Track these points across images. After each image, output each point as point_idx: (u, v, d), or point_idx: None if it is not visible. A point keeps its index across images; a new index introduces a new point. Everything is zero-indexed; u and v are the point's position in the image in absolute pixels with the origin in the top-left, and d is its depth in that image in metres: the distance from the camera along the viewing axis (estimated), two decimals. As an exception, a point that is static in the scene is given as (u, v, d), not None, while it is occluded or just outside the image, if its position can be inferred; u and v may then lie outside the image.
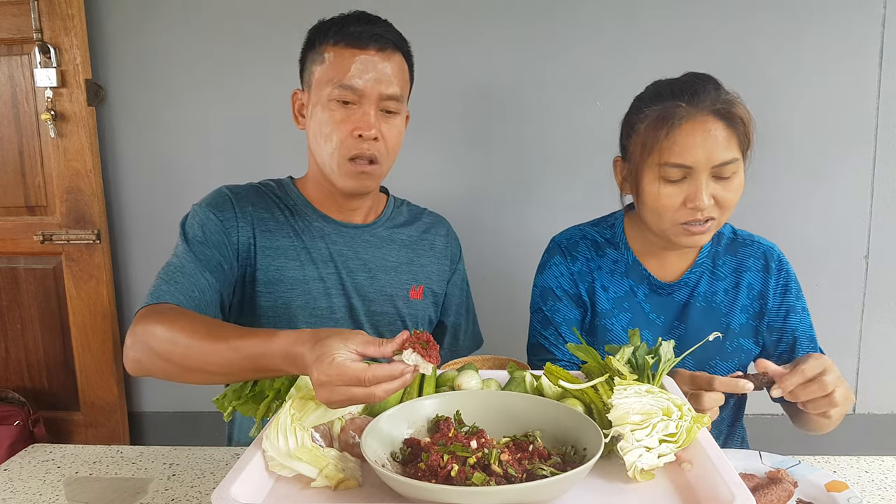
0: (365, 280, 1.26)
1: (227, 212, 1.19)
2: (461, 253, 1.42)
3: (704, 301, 1.23)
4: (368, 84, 1.13)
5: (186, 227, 1.17)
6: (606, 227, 1.31)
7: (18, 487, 1.08)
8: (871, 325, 2.18)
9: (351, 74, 1.12)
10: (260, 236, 1.20)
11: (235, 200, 1.20)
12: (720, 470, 0.69)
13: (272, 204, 1.24)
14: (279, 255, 1.20)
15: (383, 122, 1.16)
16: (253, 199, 1.23)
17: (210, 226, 1.16)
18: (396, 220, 1.33)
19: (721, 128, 1.07)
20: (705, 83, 1.10)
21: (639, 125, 1.13)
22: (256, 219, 1.20)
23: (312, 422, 0.78)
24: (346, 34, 1.13)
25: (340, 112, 1.14)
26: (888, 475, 1.07)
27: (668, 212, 1.10)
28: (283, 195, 1.26)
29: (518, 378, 0.93)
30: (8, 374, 2.35)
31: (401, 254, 1.30)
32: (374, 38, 1.14)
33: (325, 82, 1.14)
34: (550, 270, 1.29)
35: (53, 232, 2.21)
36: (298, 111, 1.23)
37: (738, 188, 1.10)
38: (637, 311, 1.25)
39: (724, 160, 1.07)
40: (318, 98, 1.15)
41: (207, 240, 1.14)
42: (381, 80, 1.13)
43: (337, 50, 1.13)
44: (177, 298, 1.03)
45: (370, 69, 1.13)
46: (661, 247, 1.23)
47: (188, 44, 2.14)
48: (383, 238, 1.29)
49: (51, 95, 2.11)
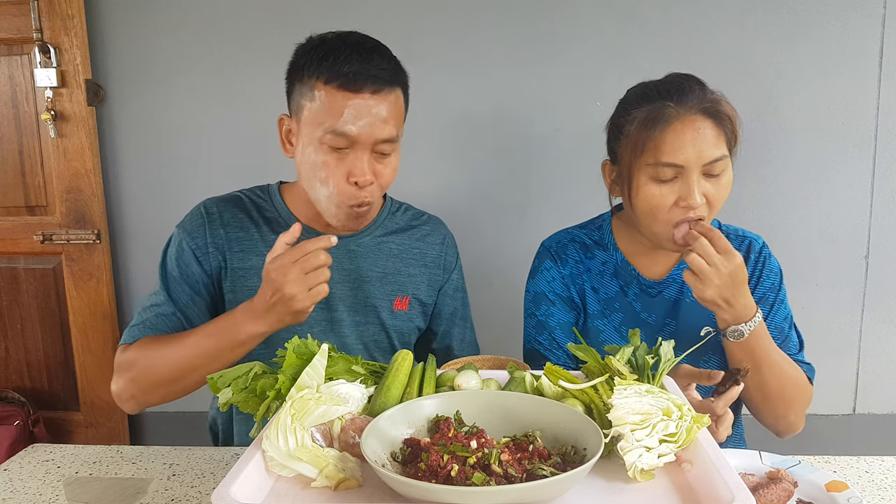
0: (348, 291, 1.25)
1: (199, 238, 1.20)
2: (457, 261, 1.39)
3: (692, 296, 1.23)
4: (363, 131, 1.07)
5: (166, 259, 1.22)
6: (594, 228, 1.31)
7: (18, 487, 1.08)
8: (871, 325, 2.17)
9: (344, 120, 1.06)
10: (232, 258, 1.21)
11: (209, 224, 1.21)
12: (720, 470, 0.69)
13: (250, 220, 1.23)
14: (252, 276, 1.20)
15: (377, 163, 1.12)
16: (229, 217, 1.22)
17: (184, 257, 1.20)
18: (388, 228, 1.30)
19: (710, 126, 1.08)
20: (691, 83, 1.11)
21: (627, 127, 1.13)
22: (230, 240, 1.21)
23: (312, 422, 0.78)
24: (339, 74, 1.07)
25: (333, 157, 1.09)
26: (888, 475, 1.07)
27: (660, 212, 1.11)
28: (266, 206, 1.25)
29: (518, 378, 0.93)
30: (8, 374, 2.36)
31: (388, 263, 1.28)
32: (369, 79, 1.07)
33: (317, 124, 1.08)
34: (542, 275, 1.29)
35: (53, 232, 2.21)
36: (286, 137, 1.19)
37: (726, 185, 1.11)
38: (628, 311, 1.25)
39: (715, 157, 1.07)
40: (309, 137, 1.10)
41: (182, 273, 1.19)
42: (374, 125, 1.08)
43: (329, 90, 1.07)
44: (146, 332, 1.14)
45: (364, 114, 1.07)
46: (649, 246, 1.23)
47: (188, 44, 2.14)
48: (370, 248, 1.27)
49: (51, 95, 2.12)
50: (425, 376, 0.94)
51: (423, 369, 0.95)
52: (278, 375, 0.86)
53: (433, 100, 2.10)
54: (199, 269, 1.19)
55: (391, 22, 2.06)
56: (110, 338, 2.27)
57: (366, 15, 2.06)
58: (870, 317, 2.17)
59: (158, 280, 1.22)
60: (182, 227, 1.23)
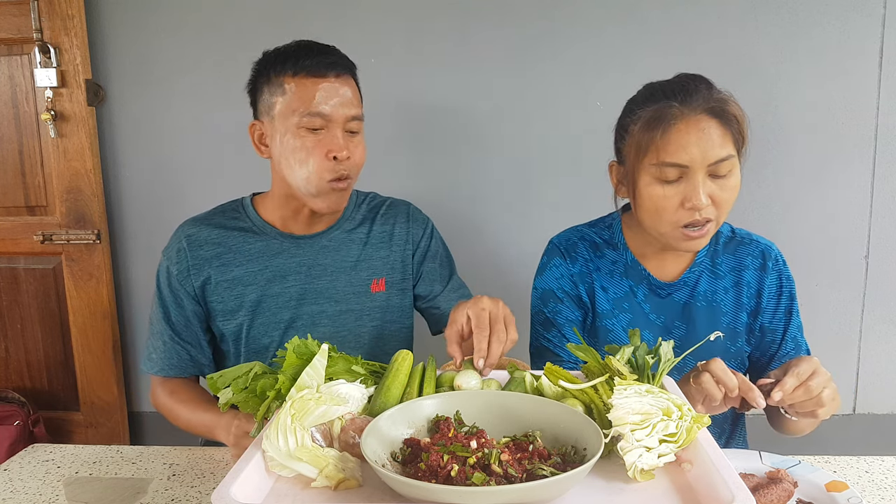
0: (328, 283, 1.35)
1: (182, 263, 1.31)
2: (426, 231, 1.45)
3: (705, 300, 1.23)
4: (335, 109, 1.21)
5: (158, 286, 1.34)
6: (604, 227, 1.31)
7: (18, 487, 1.08)
8: (871, 325, 2.17)
9: (317, 102, 1.20)
10: (216, 273, 1.31)
11: (189, 247, 1.31)
12: (720, 470, 0.69)
13: (226, 235, 1.33)
14: (237, 285, 1.31)
15: (349, 141, 1.24)
16: (205, 235, 1.32)
17: (173, 282, 1.32)
18: (356, 220, 1.40)
19: (715, 126, 1.07)
20: (697, 83, 1.10)
21: (632, 127, 1.13)
22: (211, 257, 1.31)
23: (312, 422, 0.78)
24: (304, 66, 1.21)
25: (311, 138, 1.21)
26: (888, 475, 1.07)
27: (665, 213, 1.10)
28: (240, 218, 1.36)
29: (518, 378, 0.93)
30: (8, 374, 2.36)
31: (358, 252, 1.38)
32: (330, 66, 1.22)
33: (291, 112, 1.21)
34: (550, 272, 1.29)
35: (53, 232, 2.21)
36: (259, 141, 1.30)
37: (734, 187, 1.10)
38: (637, 312, 1.25)
39: (720, 157, 1.06)
40: (285, 127, 1.22)
41: (175, 297, 1.32)
42: (344, 104, 1.22)
43: (298, 80, 1.21)
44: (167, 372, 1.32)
45: (333, 95, 1.21)
46: (659, 247, 1.22)
47: (188, 44, 2.14)
48: (341, 241, 1.37)
49: (51, 95, 2.12)
50: (425, 376, 0.94)
51: (423, 369, 0.95)
52: (278, 375, 0.86)
53: (433, 100, 2.10)
54: (184, 290, 1.31)
55: (391, 22, 2.06)
56: (110, 338, 2.27)
57: (366, 15, 2.06)
58: (870, 317, 2.17)
59: (156, 304, 1.34)
60: (166, 253, 1.35)
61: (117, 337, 2.30)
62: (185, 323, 1.32)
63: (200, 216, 1.37)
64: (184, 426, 1.29)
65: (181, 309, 1.32)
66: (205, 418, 1.22)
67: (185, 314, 1.32)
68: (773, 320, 1.24)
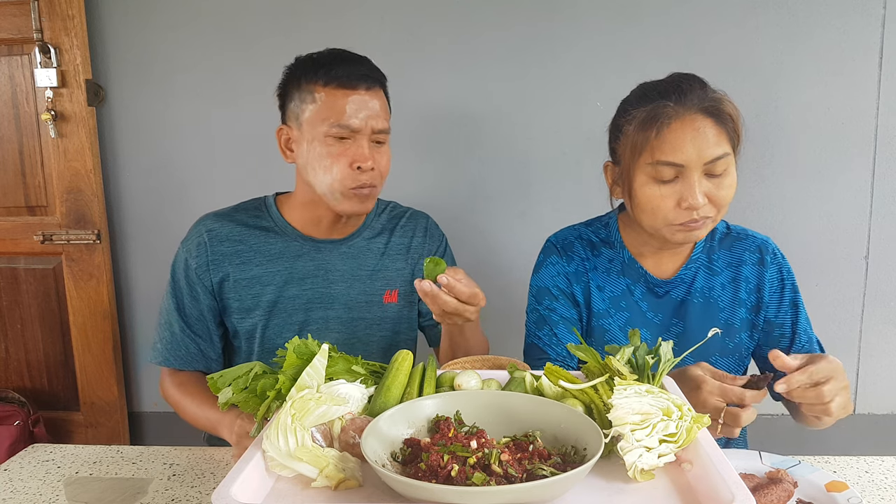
0: (343, 290, 1.36)
1: (202, 257, 1.32)
2: (442, 246, 1.48)
3: (702, 297, 1.23)
4: (363, 122, 1.23)
5: (174, 276, 1.34)
6: (601, 226, 1.31)
7: (18, 487, 1.08)
8: (871, 325, 2.17)
9: (347, 115, 1.22)
10: (234, 270, 1.32)
11: (209, 242, 1.32)
12: (720, 470, 0.69)
13: (248, 233, 1.34)
14: (254, 284, 1.32)
15: (375, 152, 1.27)
16: (227, 231, 1.33)
17: (191, 275, 1.32)
18: (375, 229, 1.42)
19: (710, 125, 1.07)
20: (691, 82, 1.11)
21: (627, 127, 1.13)
22: (231, 254, 1.32)
23: (313, 422, 0.78)
24: (336, 76, 1.22)
25: (337, 147, 1.23)
26: (888, 475, 1.07)
27: (662, 212, 1.10)
28: (262, 217, 1.36)
29: (518, 378, 0.93)
30: (8, 374, 2.35)
31: (376, 261, 1.40)
32: (362, 78, 1.24)
33: (320, 121, 1.23)
34: (546, 270, 1.29)
35: (53, 232, 2.21)
36: (286, 145, 1.31)
37: (730, 186, 1.10)
38: (634, 311, 1.25)
39: (715, 156, 1.07)
40: (312, 135, 1.24)
41: (191, 289, 1.32)
42: (372, 117, 1.24)
43: (329, 91, 1.23)
44: (172, 363, 1.33)
45: (362, 108, 1.23)
46: (655, 245, 1.23)
47: (188, 44, 2.14)
48: (360, 248, 1.39)
49: (51, 95, 2.12)
50: (425, 376, 0.94)
51: (424, 369, 0.95)
52: (278, 375, 0.86)
53: (433, 100, 2.10)
54: (201, 284, 1.32)
55: (391, 22, 2.06)
56: (110, 338, 2.27)
57: (366, 15, 2.06)
58: (870, 317, 2.17)
59: (169, 293, 1.34)
60: (185, 245, 1.35)
61: (117, 337, 2.30)
62: (198, 316, 1.33)
63: (223, 211, 1.38)
64: (190, 419, 1.30)
65: (196, 302, 1.32)
66: (210, 414, 1.23)
67: (199, 307, 1.32)
68: (778, 314, 1.24)
